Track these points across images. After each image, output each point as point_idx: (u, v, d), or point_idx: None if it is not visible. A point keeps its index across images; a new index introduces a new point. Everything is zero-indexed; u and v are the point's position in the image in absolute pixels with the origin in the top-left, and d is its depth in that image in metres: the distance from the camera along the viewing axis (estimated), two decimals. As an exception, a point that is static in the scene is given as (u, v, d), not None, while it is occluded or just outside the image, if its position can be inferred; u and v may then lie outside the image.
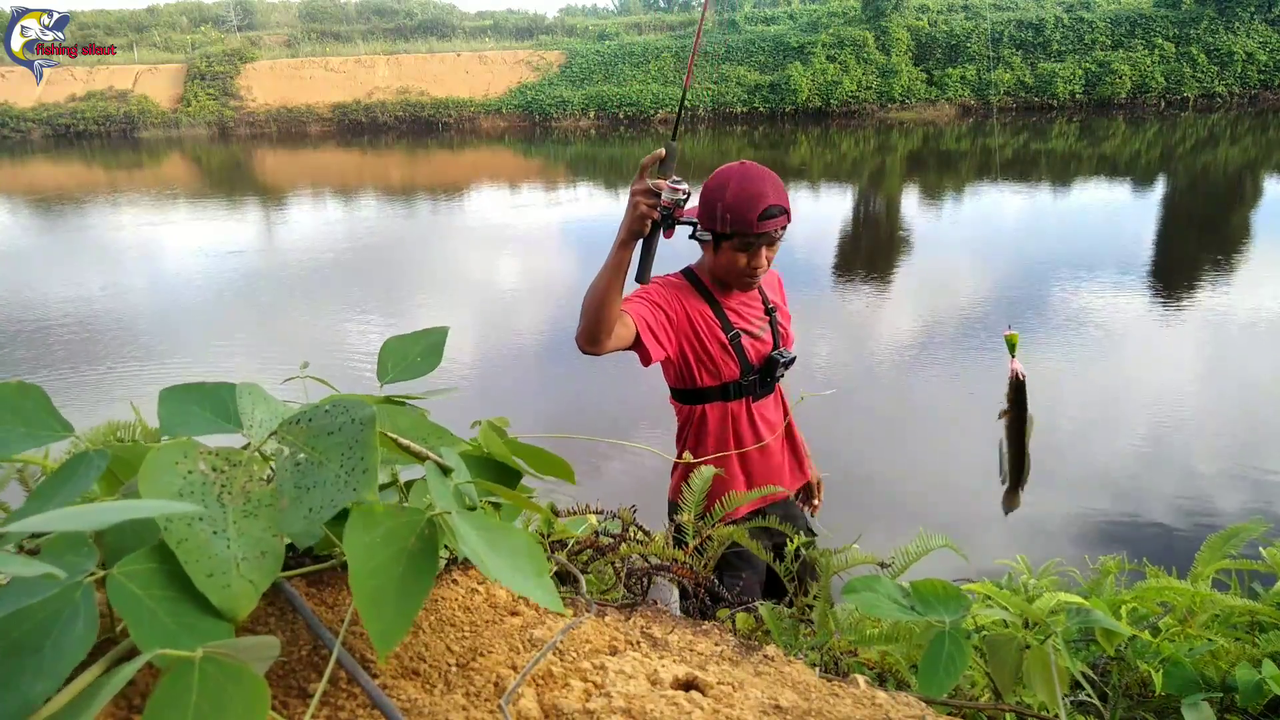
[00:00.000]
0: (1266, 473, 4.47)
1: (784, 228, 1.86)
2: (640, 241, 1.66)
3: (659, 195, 1.59)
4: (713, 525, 1.21)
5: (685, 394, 2.04)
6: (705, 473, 1.35)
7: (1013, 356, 1.51)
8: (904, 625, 0.94)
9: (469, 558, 0.52)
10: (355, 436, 0.54)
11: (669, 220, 1.61)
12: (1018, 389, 1.47)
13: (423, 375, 0.80)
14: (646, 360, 1.87)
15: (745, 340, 2.01)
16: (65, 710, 0.43)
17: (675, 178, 1.61)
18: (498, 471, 0.74)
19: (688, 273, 2.01)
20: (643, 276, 1.72)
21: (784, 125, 25.95)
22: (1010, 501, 1.56)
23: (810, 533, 2.16)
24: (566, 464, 0.78)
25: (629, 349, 1.84)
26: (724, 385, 2.01)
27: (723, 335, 1.97)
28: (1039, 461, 1.49)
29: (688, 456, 1.98)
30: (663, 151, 1.62)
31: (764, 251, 1.87)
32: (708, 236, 1.83)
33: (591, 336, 1.72)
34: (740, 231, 1.81)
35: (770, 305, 2.07)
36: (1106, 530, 3.96)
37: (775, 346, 2.07)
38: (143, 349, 7.13)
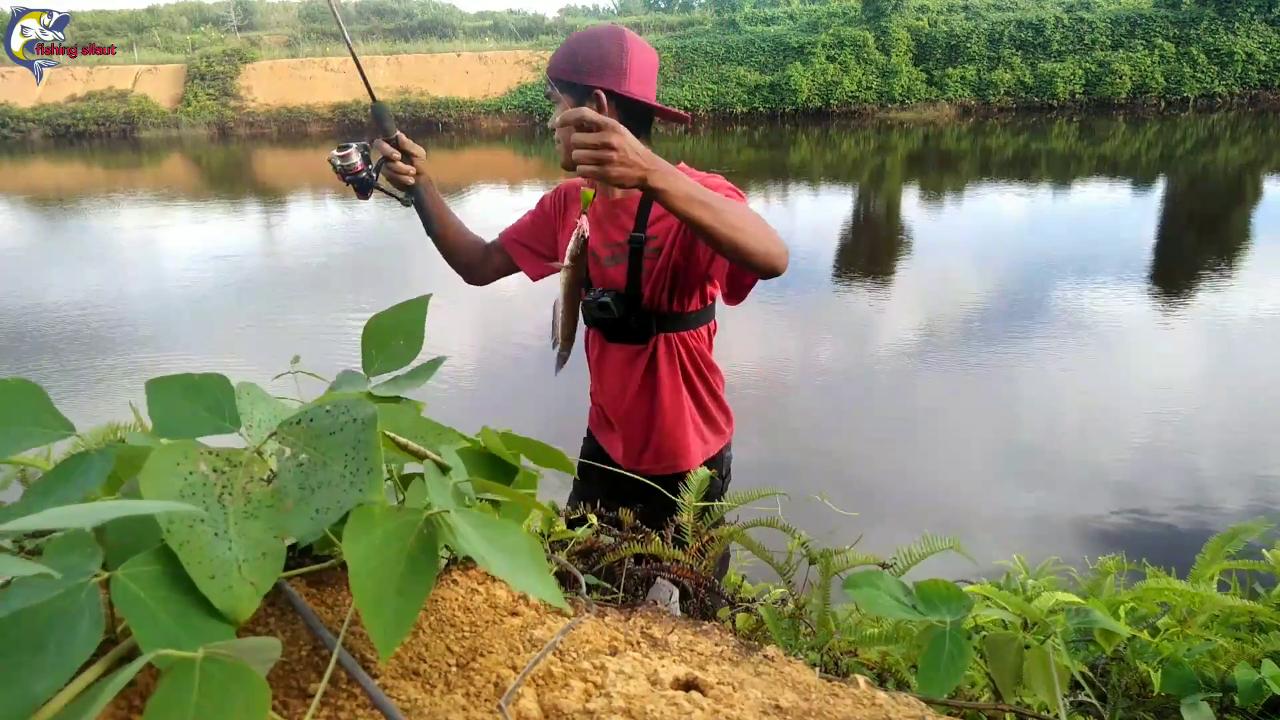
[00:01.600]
0: (1267, 472, 4.47)
1: (563, 78, 1.54)
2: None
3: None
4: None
5: None
6: (701, 473, 1.24)
7: (583, 214, 1.46)
8: (904, 625, 0.94)
9: (470, 555, 0.52)
10: (358, 436, 0.54)
11: (346, 179, 1.64)
12: (581, 245, 1.45)
13: (407, 363, 0.81)
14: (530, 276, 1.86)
15: (590, 262, 1.64)
16: (66, 710, 0.43)
17: (347, 140, 1.65)
18: (496, 467, 0.74)
19: None
20: (427, 230, 1.81)
21: (784, 125, 25.93)
22: (561, 360, 1.65)
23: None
24: (565, 456, 0.78)
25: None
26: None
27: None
28: (1039, 461, 1.49)
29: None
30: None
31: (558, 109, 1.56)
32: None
33: (460, 271, 1.91)
34: None
35: (645, 234, 1.57)
36: (1106, 530, 3.96)
37: (628, 285, 1.60)
38: (141, 350, 7.13)
